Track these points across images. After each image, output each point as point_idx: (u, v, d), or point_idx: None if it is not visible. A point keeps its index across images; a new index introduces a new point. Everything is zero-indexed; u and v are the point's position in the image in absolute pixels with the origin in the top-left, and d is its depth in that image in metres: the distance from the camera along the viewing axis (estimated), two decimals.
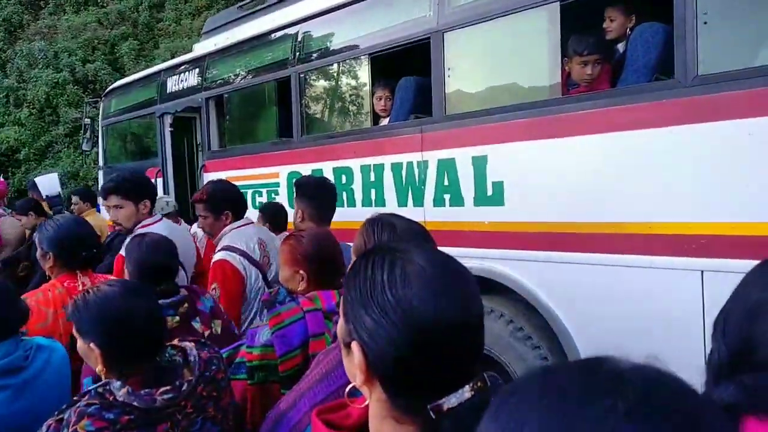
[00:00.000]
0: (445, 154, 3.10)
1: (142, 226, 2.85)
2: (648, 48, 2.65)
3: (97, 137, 6.95)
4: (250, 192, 4.55)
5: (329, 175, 3.84)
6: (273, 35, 4.41)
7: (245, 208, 3.11)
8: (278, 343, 1.68)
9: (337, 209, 2.98)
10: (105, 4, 15.71)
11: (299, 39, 4.11)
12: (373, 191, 3.54)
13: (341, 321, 0.83)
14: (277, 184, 4.33)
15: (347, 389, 0.84)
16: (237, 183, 4.59)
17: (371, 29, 3.59)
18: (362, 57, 3.72)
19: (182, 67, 5.37)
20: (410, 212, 3.24)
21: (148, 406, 1.28)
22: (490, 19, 2.96)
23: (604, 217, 2.56)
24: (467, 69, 3.25)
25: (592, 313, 2.61)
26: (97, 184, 8.25)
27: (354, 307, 0.79)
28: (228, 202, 2.96)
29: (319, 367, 1.31)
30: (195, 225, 4.33)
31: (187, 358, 1.43)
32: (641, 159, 2.46)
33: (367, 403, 0.81)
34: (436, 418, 0.73)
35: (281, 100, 4.43)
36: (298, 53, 4.12)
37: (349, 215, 3.47)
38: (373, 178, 3.52)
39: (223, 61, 4.89)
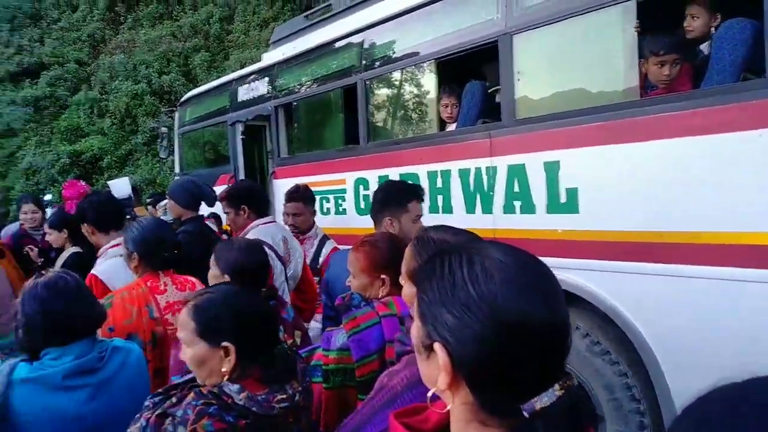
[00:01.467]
0: (515, 159, 3.03)
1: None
2: (735, 45, 2.49)
3: (173, 145, 7.28)
4: (317, 198, 4.63)
5: None
6: (339, 43, 4.47)
7: (264, 205, 3.37)
8: (355, 348, 1.68)
9: None
10: (178, 18, 16.48)
11: (365, 46, 4.15)
12: (440, 197, 3.52)
13: (416, 325, 0.82)
14: (344, 191, 4.38)
15: (429, 394, 0.82)
16: None
17: (437, 34, 3.57)
18: (428, 62, 3.71)
19: (252, 76, 5.53)
20: (478, 219, 3.20)
21: (266, 413, 1.29)
22: (562, 20, 2.88)
23: (686, 227, 2.42)
24: (538, 72, 3.17)
25: (675, 326, 2.47)
26: None
27: (432, 308, 0.78)
28: (244, 199, 3.25)
29: (384, 392, 1.27)
30: None
31: (295, 368, 1.44)
32: (725, 164, 2.32)
33: (448, 408, 0.79)
34: (530, 418, 0.70)
35: (348, 107, 4.48)
36: (364, 60, 4.16)
37: None
38: (440, 184, 3.49)
39: (291, 70, 5.01)
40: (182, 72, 14.87)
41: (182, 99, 7.26)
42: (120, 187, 3.92)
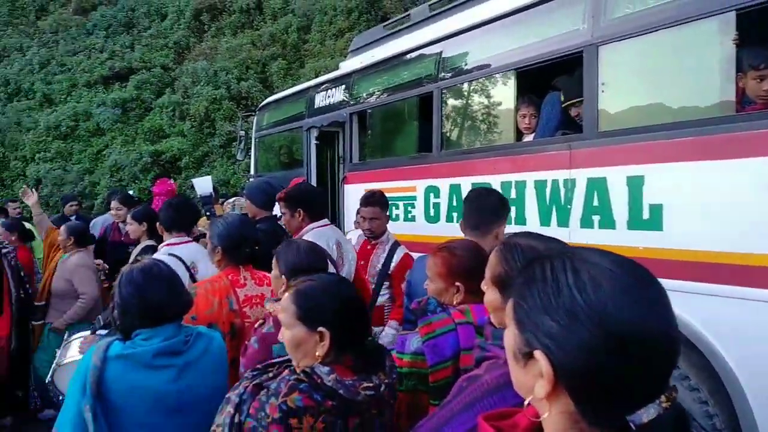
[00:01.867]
0: (596, 172, 2.95)
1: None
2: None
3: (250, 148, 7.55)
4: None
5: (467, 190, 3.82)
6: (416, 52, 4.51)
7: (320, 208, 3.37)
8: (429, 353, 1.68)
9: None
10: (258, 27, 17.11)
11: (443, 55, 4.16)
12: (513, 208, 3.46)
13: (512, 332, 0.80)
14: (414, 198, 4.40)
15: (525, 403, 0.81)
16: None
17: (518, 44, 3.53)
18: (507, 72, 3.68)
19: (329, 83, 5.67)
20: (554, 232, 3.11)
21: (351, 397, 1.35)
22: (653, 31, 2.78)
23: None
24: (624, 84, 3.07)
25: (764, 354, 2.32)
26: None
27: (533, 315, 0.76)
28: (300, 202, 3.24)
29: (463, 395, 1.26)
30: (351, 231, 4.55)
31: (383, 362, 1.48)
32: None
33: (544, 417, 0.77)
34: (637, 430, 0.68)
35: (422, 115, 4.51)
36: (441, 69, 4.17)
37: None
38: (513, 195, 3.44)
39: (367, 78, 5.09)
40: (259, 79, 15.41)
41: (261, 104, 7.53)
42: (203, 185, 4.11)
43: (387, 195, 4.67)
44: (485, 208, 2.52)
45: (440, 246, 1.99)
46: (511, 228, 3.38)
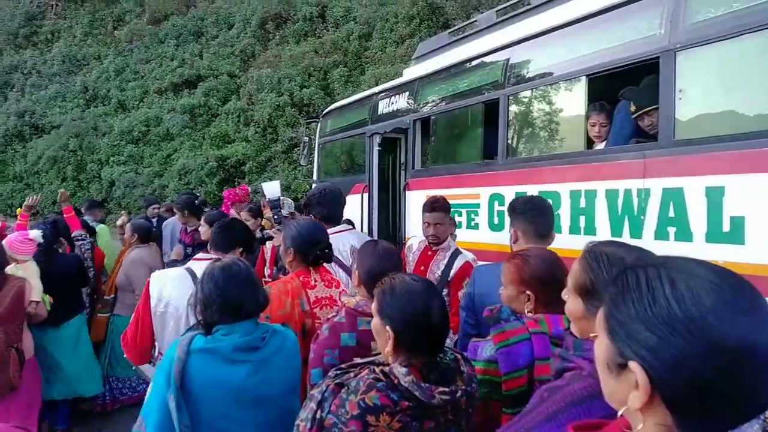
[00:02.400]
0: (672, 182, 2.85)
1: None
2: None
3: (313, 154, 7.71)
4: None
5: None
6: (483, 58, 4.49)
7: (335, 212, 3.42)
8: (503, 360, 1.67)
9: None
10: (321, 35, 17.46)
11: (510, 61, 4.13)
12: (581, 218, 3.39)
13: (604, 342, 0.80)
14: (477, 205, 4.37)
15: (618, 414, 0.80)
16: None
17: (590, 50, 3.46)
18: (578, 79, 3.61)
19: (393, 90, 5.72)
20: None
21: (426, 400, 1.37)
22: (735, 36, 2.67)
23: None
24: (702, 90, 2.96)
25: None
26: None
27: (627, 326, 0.75)
28: (313, 206, 3.33)
29: (545, 405, 1.24)
30: (413, 237, 4.58)
31: (460, 368, 1.49)
32: None
33: (638, 428, 0.76)
34: None
35: (487, 122, 4.48)
36: (508, 76, 4.14)
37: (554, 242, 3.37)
38: (583, 204, 3.37)
39: (432, 85, 5.11)
40: (321, 86, 15.71)
41: (325, 111, 7.68)
42: (271, 188, 4.23)
43: (450, 202, 4.69)
44: (551, 214, 2.52)
45: (515, 253, 1.98)
46: (580, 238, 3.32)
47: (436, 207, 3.52)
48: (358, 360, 1.61)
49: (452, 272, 3.71)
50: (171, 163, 16.26)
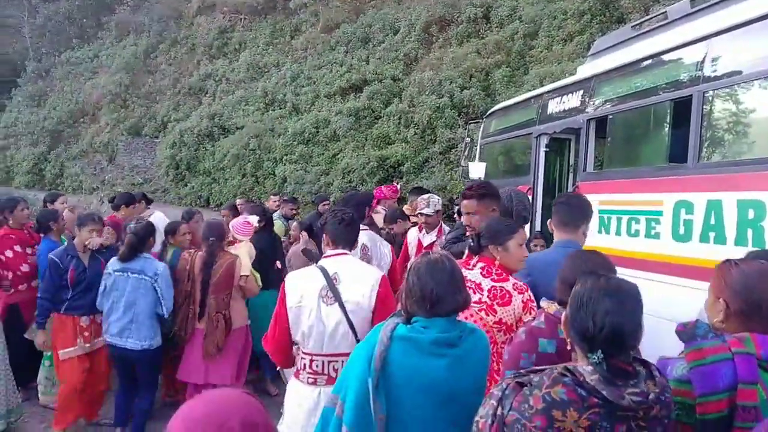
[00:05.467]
0: None
1: None
2: None
3: (474, 154, 7.66)
4: (625, 218, 4.32)
5: (730, 208, 3.34)
6: (674, 52, 4.08)
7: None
8: (698, 381, 1.51)
9: (737, 248, 2.64)
10: (484, 36, 17.28)
11: (709, 55, 3.69)
12: None
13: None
14: (659, 213, 3.98)
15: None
16: (610, 207, 4.45)
17: None
18: None
19: (565, 89, 5.45)
20: None
21: (615, 400, 1.33)
22: None
23: None
24: None
25: None
26: None
27: None
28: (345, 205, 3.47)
29: None
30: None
31: (652, 373, 1.43)
32: None
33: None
34: None
35: (675, 122, 4.07)
36: (704, 71, 3.71)
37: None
38: None
39: (610, 82, 4.77)
40: (482, 87, 15.55)
41: (489, 111, 7.58)
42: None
43: (625, 208, 4.34)
44: (577, 208, 2.99)
45: (729, 258, 1.78)
46: None
47: (470, 194, 3.22)
48: (536, 368, 1.58)
49: None
50: (336, 163, 17.20)
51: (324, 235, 2.82)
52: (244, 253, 4.41)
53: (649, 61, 4.32)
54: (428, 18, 18.77)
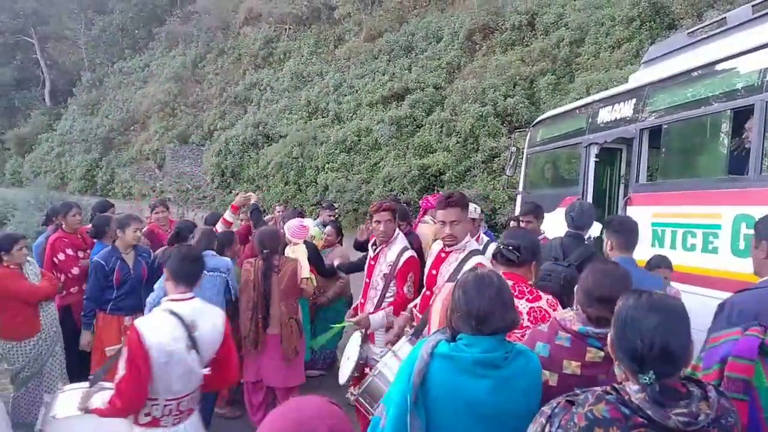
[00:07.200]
0: None
1: None
2: None
3: (520, 164, 7.54)
4: (680, 231, 4.16)
5: None
6: (735, 60, 3.92)
7: None
8: (705, 358, 1.73)
9: None
10: (529, 44, 17.08)
11: None
12: None
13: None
14: (717, 227, 3.82)
15: None
16: (664, 220, 4.29)
17: None
18: None
19: (617, 97, 5.30)
20: None
21: (660, 420, 1.32)
22: None
23: None
24: None
25: None
26: (513, 207, 8.98)
27: None
28: None
29: None
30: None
31: (706, 394, 1.39)
32: None
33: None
34: None
35: (736, 132, 3.91)
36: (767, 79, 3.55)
37: None
38: None
39: (665, 90, 4.62)
40: (526, 95, 15.35)
41: (536, 120, 7.46)
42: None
43: (680, 221, 4.18)
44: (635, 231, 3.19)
45: None
46: None
47: (451, 203, 3.05)
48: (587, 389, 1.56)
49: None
50: (377, 171, 17.24)
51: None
52: (302, 255, 4.52)
53: (708, 69, 4.16)
54: (472, 26, 18.69)
